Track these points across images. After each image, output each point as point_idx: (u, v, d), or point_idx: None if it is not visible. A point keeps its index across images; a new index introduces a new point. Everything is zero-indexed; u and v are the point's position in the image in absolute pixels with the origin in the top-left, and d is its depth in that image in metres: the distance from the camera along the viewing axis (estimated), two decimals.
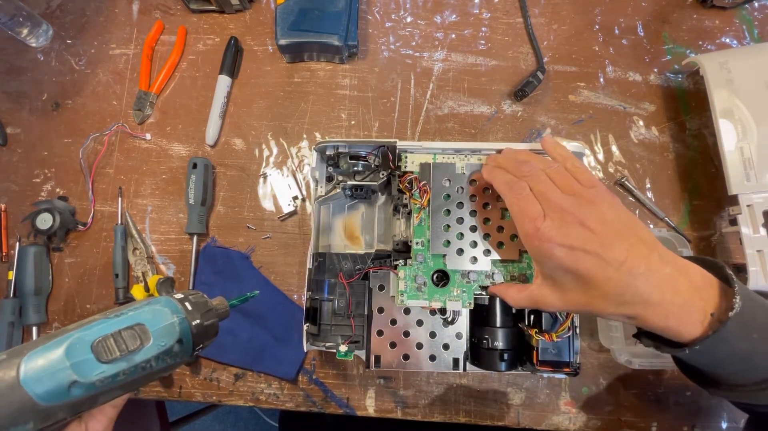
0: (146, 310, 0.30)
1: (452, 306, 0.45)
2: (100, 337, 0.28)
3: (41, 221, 0.59)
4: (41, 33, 0.67)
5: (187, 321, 0.31)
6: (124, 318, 0.29)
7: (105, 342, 0.28)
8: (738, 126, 0.53)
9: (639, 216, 0.60)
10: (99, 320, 0.29)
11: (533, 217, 0.36)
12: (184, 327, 0.31)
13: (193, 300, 0.33)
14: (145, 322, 0.29)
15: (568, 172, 0.39)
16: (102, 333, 0.28)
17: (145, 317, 0.30)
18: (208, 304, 0.34)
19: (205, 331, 0.33)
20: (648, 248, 0.34)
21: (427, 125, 0.64)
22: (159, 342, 0.29)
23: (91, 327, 0.28)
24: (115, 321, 0.29)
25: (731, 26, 0.65)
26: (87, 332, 0.28)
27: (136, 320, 0.29)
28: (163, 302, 0.31)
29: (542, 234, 0.35)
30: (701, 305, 0.33)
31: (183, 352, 0.31)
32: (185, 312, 0.31)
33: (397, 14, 0.67)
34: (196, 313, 0.32)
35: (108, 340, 0.28)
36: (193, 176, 0.60)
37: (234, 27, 0.68)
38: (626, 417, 0.55)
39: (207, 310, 0.33)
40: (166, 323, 0.30)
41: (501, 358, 0.47)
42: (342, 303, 0.52)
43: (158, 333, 0.29)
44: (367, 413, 0.57)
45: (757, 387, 0.33)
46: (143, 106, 0.65)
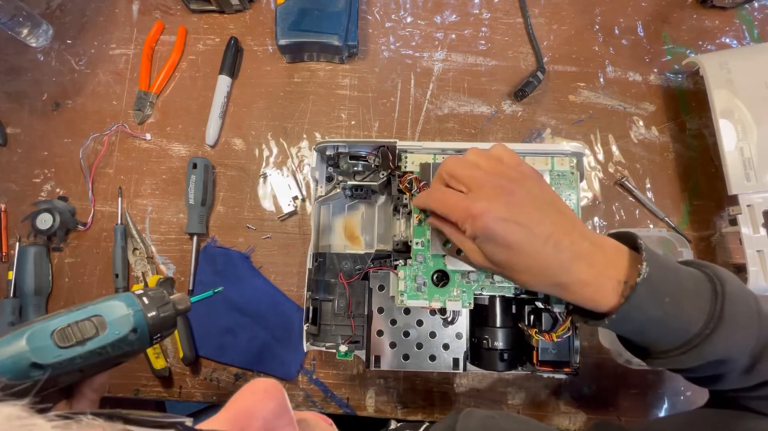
0: (105, 304, 0.34)
1: (452, 306, 0.45)
2: (59, 326, 0.31)
3: (41, 221, 0.59)
4: (41, 33, 0.67)
5: (143, 312, 0.34)
6: (83, 311, 0.33)
7: (64, 330, 0.31)
8: (738, 126, 0.53)
9: (639, 216, 0.60)
10: (61, 312, 0.33)
11: (459, 202, 0.36)
12: (138, 318, 0.34)
13: (151, 295, 0.36)
14: (102, 313, 0.33)
15: (492, 156, 0.39)
16: (61, 324, 0.32)
17: (103, 309, 0.33)
18: (165, 298, 0.37)
19: (161, 322, 0.36)
20: (571, 223, 0.35)
21: (427, 125, 0.64)
22: (114, 330, 0.33)
23: (52, 318, 0.32)
24: (75, 314, 0.33)
25: (731, 26, 0.65)
26: (47, 323, 0.32)
27: (94, 312, 0.33)
28: (122, 297, 0.35)
29: (474, 210, 0.34)
30: (614, 274, 0.34)
31: (139, 341, 0.34)
32: (141, 305, 0.35)
33: (397, 14, 0.67)
34: (152, 306, 0.35)
35: (66, 329, 0.32)
36: (193, 176, 0.60)
37: (234, 27, 0.68)
38: (626, 417, 0.55)
39: (163, 304, 0.36)
40: (121, 314, 0.33)
41: (501, 358, 0.47)
42: (342, 303, 0.52)
43: (113, 323, 0.33)
44: (367, 413, 0.57)
45: (678, 352, 0.33)
46: (143, 106, 0.65)
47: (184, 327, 0.58)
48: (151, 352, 0.57)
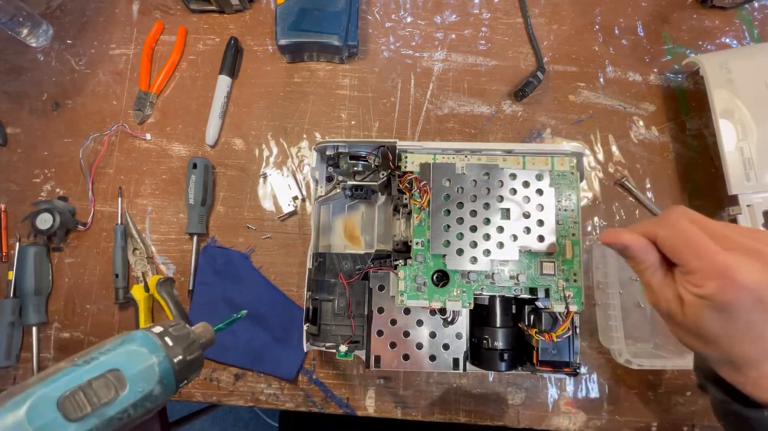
0: (120, 352, 0.27)
1: (452, 306, 0.45)
2: (67, 391, 0.24)
3: (41, 221, 0.59)
4: (41, 33, 0.67)
5: (168, 358, 0.28)
6: (95, 364, 0.26)
7: (73, 396, 0.24)
8: (738, 126, 0.53)
9: (639, 216, 0.60)
10: (66, 369, 0.26)
11: (717, 255, 0.30)
12: (164, 366, 0.28)
13: (175, 334, 0.30)
14: (120, 367, 0.26)
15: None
16: (69, 386, 0.25)
17: (120, 360, 0.26)
18: (191, 336, 0.31)
19: (189, 366, 0.30)
20: None
21: (427, 125, 0.64)
22: (136, 388, 0.26)
23: (57, 379, 0.25)
24: (84, 370, 0.26)
25: (731, 26, 0.65)
26: (51, 387, 0.24)
27: (109, 365, 0.26)
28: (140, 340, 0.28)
29: (737, 275, 0.28)
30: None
31: (165, 393, 0.28)
32: (165, 348, 0.28)
33: (397, 14, 0.67)
34: (177, 348, 0.29)
35: (77, 394, 0.24)
36: (193, 176, 0.60)
37: (234, 27, 0.68)
38: (626, 417, 0.55)
39: (190, 343, 0.30)
40: (144, 365, 0.27)
41: (501, 358, 0.47)
42: (342, 303, 0.52)
43: (135, 377, 0.26)
44: (367, 413, 0.57)
45: None
46: (143, 106, 0.65)
47: None
48: None
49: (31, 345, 0.59)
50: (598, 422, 0.55)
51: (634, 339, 0.56)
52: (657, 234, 0.33)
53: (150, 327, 0.31)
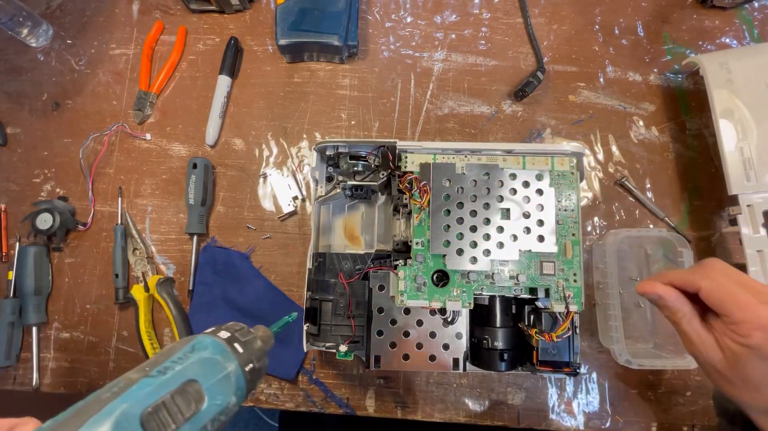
0: (194, 361, 0.24)
1: (452, 306, 0.45)
2: (149, 407, 0.22)
3: (41, 221, 0.59)
4: (41, 33, 0.67)
5: (241, 368, 0.26)
6: (171, 375, 0.23)
7: (156, 413, 0.22)
8: (738, 126, 0.53)
9: (639, 216, 0.60)
10: (142, 381, 0.23)
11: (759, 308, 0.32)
12: (238, 376, 0.25)
13: (242, 339, 0.27)
14: (197, 377, 0.24)
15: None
16: (150, 401, 0.22)
17: (196, 371, 0.24)
18: (258, 341, 0.28)
19: (258, 375, 0.27)
20: None
21: (427, 125, 0.64)
22: (215, 400, 0.24)
23: (135, 393, 0.22)
24: (161, 382, 0.23)
25: (731, 26, 0.65)
26: (132, 402, 0.22)
27: (186, 376, 0.24)
28: (211, 347, 0.25)
29: None
30: None
31: (237, 405, 0.26)
32: (236, 355, 0.26)
33: (397, 14, 0.67)
34: (246, 355, 0.26)
35: (160, 410, 0.22)
36: (193, 176, 0.60)
37: (234, 27, 0.68)
38: (626, 417, 0.55)
39: (257, 349, 0.28)
40: (220, 376, 0.24)
41: (501, 358, 0.47)
42: (342, 303, 0.52)
43: (213, 390, 0.24)
44: (367, 413, 0.57)
45: None
46: (143, 106, 0.65)
47: (184, 328, 0.58)
48: (151, 352, 0.57)
49: (31, 345, 0.59)
50: (598, 422, 0.55)
51: (634, 339, 0.56)
52: (700, 286, 0.35)
53: (214, 332, 0.28)
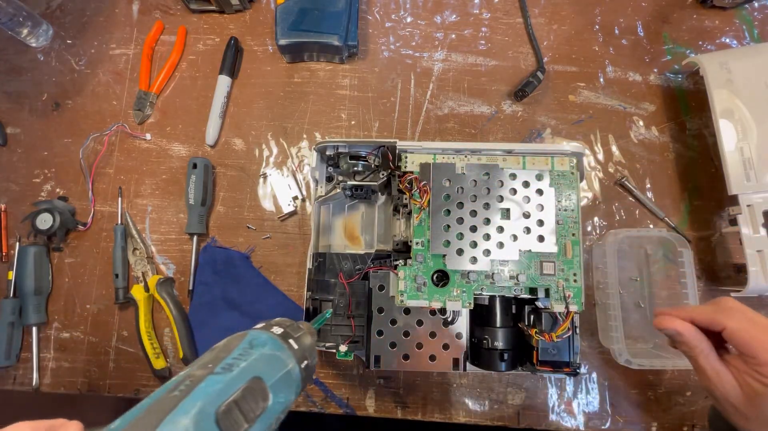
0: (257, 358, 0.23)
1: (452, 306, 0.45)
2: (223, 405, 0.21)
3: (41, 221, 0.59)
4: (41, 33, 0.67)
5: (298, 364, 0.25)
6: (238, 372, 0.22)
7: (229, 411, 0.21)
8: (738, 126, 0.53)
9: (639, 216, 0.60)
10: (209, 378, 0.22)
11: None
12: (296, 373, 0.24)
13: (295, 335, 0.26)
14: (261, 375, 0.23)
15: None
16: (223, 399, 0.21)
17: (260, 368, 0.23)
18: (308, 337, 0.27)
19: (311, 372, 0.26)
20: None
21: (427, 125, 0.64)
22: (278, 398, 0.23)
23: (206, 389, 0.21)
24: (229, 379, 0.22)
25: (731, 26, 0.65)
26: (206, 399, 0.21)
27: (251, 373, 0.23)
28: (270, 343, 0.24)
29: None
30: None
31: (292, 403, 0.25)
32: (292, 352, 0.25)
33: (397, 14, 0.67)
34: (301, 351, 0.25)
35: (232, 408, 0.21)
36: (193, 176, 0.60)
37: (234, 27, 0.68)
38: (626, 417, 0.55)
39: (309, 345, 0.26)
40: (282, 373, 0.23)
41: (501, 358, 0.47)
42: (342, 303, 0.52)
43: (276, 387, 0.23)
44: (367, 413, 0.57)
45: None
46: (143, 106, 0.65)
47: (184, 328, 0.58)
48: (151, 352, 0.57)
49: (31, 345, 0.59)
50: (598, 422, 0.55)
51: (634, 339, 0.56)
52: (726, 326, 0.35)
53: (266, 327, 0.27)
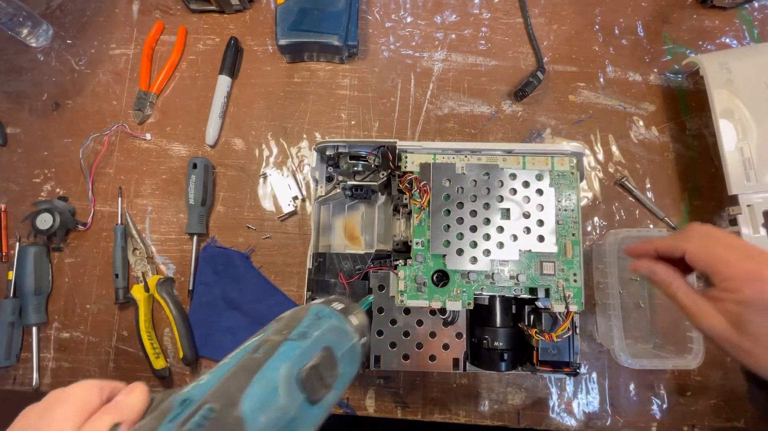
0: (327, 329, 0.23)
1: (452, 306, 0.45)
2: (304, 369, 0.21)
3: (41, 221, 0.59)
4: (41, 33, 0.67)
5: (359, 340, 0.25)
6: (312, 341, 0.22)
7: (310, 376, 0.21)
8: (738, 126, 0.53)
9: (639, 216, 0.60)
10: (286, 343, 0.22)
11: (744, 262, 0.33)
12: (358, 348, 0.24)
13: (354, 313, 0.26)
14: (332, 345, 0.23)
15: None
16: (303, 363, 0.22)
17: (331, 338, 0.23)
18: (364, 316, 0.27)
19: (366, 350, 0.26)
20: None
21: (427, 125, 0.64)
22: (345, 370, 0.23)
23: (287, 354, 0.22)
24: (306, 346, 0.22)
25: (731, 26, 0.65)
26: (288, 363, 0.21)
27: (324, 342, 0.23)
28: (334, 317, 0.24)
29: (764, 273, 0.32)
30: None
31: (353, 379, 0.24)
32: (353, 328, 0.25)
33: (397, 14, 0.67)
34: (360, 329, 0.25)
35: (312, 374, 0.21)
36: (193, 176, 0.60)
37: (234, 27, 0.68)
38: (626, 417, 0.55)
39: (366, 324, 0.26)
40: (348, 345, 0.23)
41: (501, 358, 0.47)
42: None
43: (344, 359, 0.23)
44: (367, 413, 0.57)
45: None
46: (143, 106, 0.65)
47: (184, 328, 0.58)
48: (151, 352, 0.57)
49: (31, 345, 0.59)
50: (598, 422, 0.55)
51: (634, 339, 0.56)
52: (685, 249, 0.35)
53: (327, 303, 0.27)
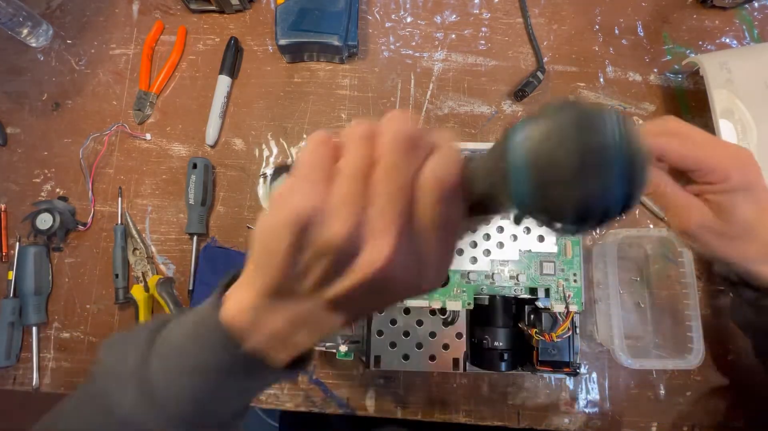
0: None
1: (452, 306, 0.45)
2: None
3: (41, 221, 0.59)
4: (41, 33, 0.67)
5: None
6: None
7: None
8: (738, 126, 0.53)
9: (639, 216, 0.60)
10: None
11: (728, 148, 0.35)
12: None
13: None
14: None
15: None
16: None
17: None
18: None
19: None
20: None
21: (427, 125, 0.64)
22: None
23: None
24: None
25: (731, 26, 0.65)
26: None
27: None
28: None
29: (752, 158, 0.34)
30: None
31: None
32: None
33: (397, 14, 0.67)
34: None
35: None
36: (193, 176, 0.60)
37: (234, 27, 0.68)
38: (626, 417, 0.55)
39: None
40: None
41: (501, 358, 0.47)
42: None
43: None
44: (367, 413, 0.57)
45: None
46: (143, 106, 0.65)
47: None
48: None
49: (31, 345, 0.59)
50: (598, 422, 0.55)
51: (634, 339, 0.56)
52: (665, 150, 0.35)
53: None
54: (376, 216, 0.20)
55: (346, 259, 0.20)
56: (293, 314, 0.24)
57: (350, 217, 0.20)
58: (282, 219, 0.20)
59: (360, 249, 0.20)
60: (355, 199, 0.20)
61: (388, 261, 0.20)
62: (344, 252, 0.20)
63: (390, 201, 0.20)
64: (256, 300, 0.24)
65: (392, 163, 0.20)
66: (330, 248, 0.20)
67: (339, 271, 0.21)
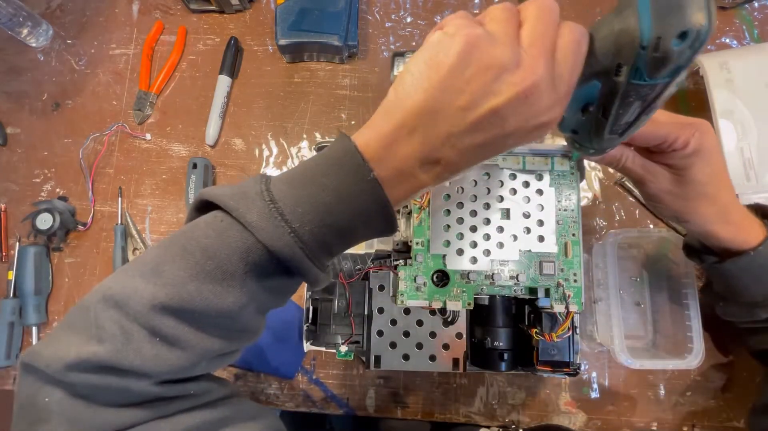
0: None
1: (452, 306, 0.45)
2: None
3: (41, 221, 0.59)
4: (41, 33, 0.67)
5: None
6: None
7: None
8: (738, 126, 0.53)
9: (639, 216, 0.60)
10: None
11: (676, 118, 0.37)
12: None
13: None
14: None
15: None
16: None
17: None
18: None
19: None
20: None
21: None
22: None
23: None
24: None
25: (731, 26, 0.65)
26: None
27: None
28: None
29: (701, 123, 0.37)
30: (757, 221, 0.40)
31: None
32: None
33: (397, 14, 0.67)
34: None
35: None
36: (193, 176, 0.60)
37: (234, 27, 0.68)
38: (626, 417, 0.55)
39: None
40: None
41: (501, 358, 0.47)
42: (342, 303, 0.52)
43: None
44: (367, 413, 0.57)
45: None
46: (143, 106, 0.65)
47: None
48: None
49: (31, 345, 0.59)
50: (598, 422, 0.55)
51: (634, 339, 0.56)
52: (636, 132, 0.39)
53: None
54: (532, 43, 0.26)
55: (504, 75, 0.25)
56: (423, 145, 0.27)
57: (515, 41, 0.26)
58: (457, 38, 0.25)
59: (518, 67, 0.26)
60: (516, 31, 0.27)
61: (540, 77, 0.26)
62: (506, 67, 0.25)
63: (543, 35, 0.27)
64: (395, 131, 0.28)
65: (548, 7, 0.29)
66: (495, 62, 0.25)
67: (496, 88, 0.26)
